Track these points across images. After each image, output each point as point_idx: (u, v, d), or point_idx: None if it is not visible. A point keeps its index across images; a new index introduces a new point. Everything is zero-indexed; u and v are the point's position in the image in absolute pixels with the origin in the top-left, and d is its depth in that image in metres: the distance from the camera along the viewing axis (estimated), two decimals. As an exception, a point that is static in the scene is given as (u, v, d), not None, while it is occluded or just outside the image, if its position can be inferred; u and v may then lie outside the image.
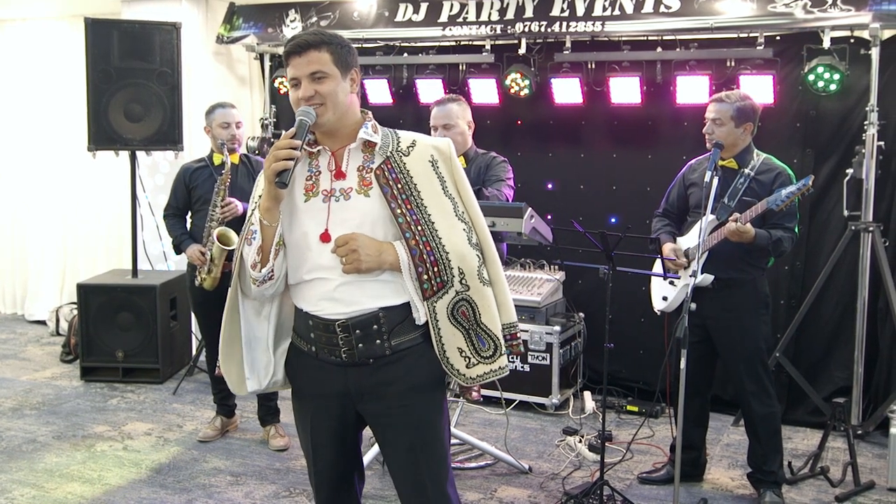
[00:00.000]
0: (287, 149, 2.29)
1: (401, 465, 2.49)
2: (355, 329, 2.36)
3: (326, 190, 2.40)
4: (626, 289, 5.19)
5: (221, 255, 4.64)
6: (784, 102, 5.32)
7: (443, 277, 2.34)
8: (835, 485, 4.42)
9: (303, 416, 2.57)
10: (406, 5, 6.14)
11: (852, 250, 5.13)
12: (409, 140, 2.46)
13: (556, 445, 4.98)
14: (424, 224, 2.35)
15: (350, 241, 2.30)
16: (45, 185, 7.92)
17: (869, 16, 4.90)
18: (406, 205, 2.35)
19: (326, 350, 2.41)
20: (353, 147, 2.42)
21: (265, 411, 5.02)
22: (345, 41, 2.42)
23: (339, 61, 2.38)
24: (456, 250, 2.36)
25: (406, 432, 2.44)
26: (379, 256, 2.32)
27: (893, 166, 5.18)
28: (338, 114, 2.39)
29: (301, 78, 2.36)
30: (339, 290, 2.36)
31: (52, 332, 7.61)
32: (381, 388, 2.41)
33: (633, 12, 5.48)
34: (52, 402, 5.68)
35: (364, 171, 2.40)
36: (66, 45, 7.57)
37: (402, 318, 2.39)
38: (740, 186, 4.03)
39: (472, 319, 2.39)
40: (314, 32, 2.38)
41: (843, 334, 5.33)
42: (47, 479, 4.40)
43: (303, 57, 2.35)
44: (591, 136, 5.97)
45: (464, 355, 2.39)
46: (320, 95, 2.35)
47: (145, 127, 6.08)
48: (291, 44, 2.37)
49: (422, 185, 2.39)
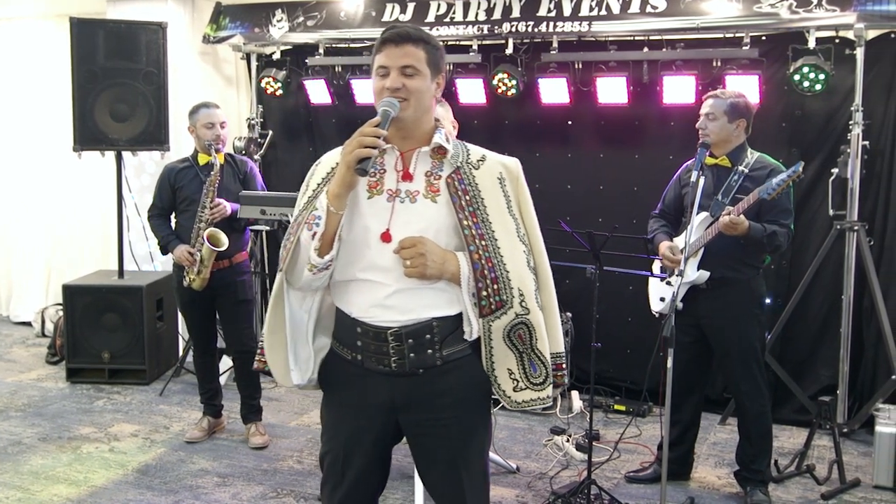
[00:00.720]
0: (373, 136, 2.21)
1: (441, 480, 2.41)
2: (408, 338, 2.28)
3: (392, 190, 2.33)
4: (613, 288, 5.20)
5: (211, 255, 4.64)
6: (770, 102, 5.34)
7: (502, 297, 2.27)
8: (821, 483, 4.44)
9: (337, 425, 2.45)
10: (393, 5, 6.14)
11: (837, 249, 5.16)
12: (479, 154, 2.41)
13: (544, 445, 4.99)
14: (489, 240, 2.29)
15: (418, 244, 2.23)
16: (30, 186, 7.87)
17: (854, 16, 4.93)
18: (472, 217, 2.29)
19: (374, 359, 2.33)
20: (423, 150, 2.36)
21: (248, 409, 5.01)
22: (439, 44, 2.37)
23: (431, 61, 2.32)
24: (516, 271, 2.30)
25: (450, 445, 2.36)
26: (443, 265, 2.25)
27: (878, 166, 5.21)
28: (418, 113, 2.33)
29: (391, 68, 2.29)
30: (394, 297, 2.29)
31: (38, 334, 7.57)
32: (429, 400, 2.33)
33: (619, 12, 5.49)
34: (38, 404, 5.65)
35: (432, 178, 2.34)
36: (52, 45, 7.52)
37: (454, 329, 2.32)
38: (734, 184, 4.05)
39: (528, 343, 2.32)
40: (415, 27, 2.33)
41: (829, 333, 5.36)
42: (33, 482, 4.38)
43: (399, 48, 2.28)
44: (578, 136, 5.98)
45: (513, 377, 2.33)
46: (406, 90, 2.28)
47: (131, 127, 6.05)
48: (390, 32, 2.30)
49: (489, 200, 2.33)
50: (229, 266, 4.83)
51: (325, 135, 6.78)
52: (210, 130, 4.77)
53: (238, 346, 4.95)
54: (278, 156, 7.01)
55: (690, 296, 3.98)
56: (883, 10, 4.88)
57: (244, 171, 4.97)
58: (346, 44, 6.35)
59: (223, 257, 4.76)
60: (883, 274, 5.13)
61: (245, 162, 5.05)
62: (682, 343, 3.78)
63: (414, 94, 2.29)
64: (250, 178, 4.97)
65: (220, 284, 4.80)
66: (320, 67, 6.38)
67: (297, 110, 6.85)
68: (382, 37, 2.32)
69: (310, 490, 4.28)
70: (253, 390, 5.03)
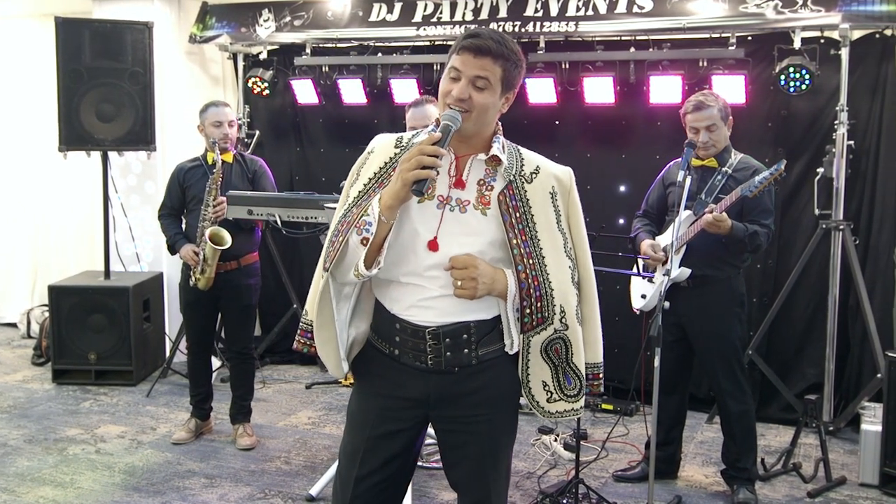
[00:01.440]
0: (433, 156, 2.16)
1: (467, 476, 2.42)
2: (445, 338, 2.30)
3: (443, 196, 2.31)
4: (600, 287, 5.17)
5: (215, 255, 4.59)
6: (755, 102, 5.36)
7: (544, 314, 2.29)
8: (807, 481, 4.46)
9: (363, 416, 2.44)
10: (380, 5, 6.13)
11: (823, 249, 5.19)
12: (532, 165, 2.39)
13: (532, 444, 5.00)
14: (536, 258, 2.30)
15: (471, 267, 2.23)
16: (15, 186, 7.82)
17: (839, 16, 4.96)
18: (521, 235, 2.29)
19: (411, 355, 2.34)
20: (479, 158, 2.34)
21: (238, 409, 4.99)
22: (521, 61, 2.32)
23: (506, 79, 2.28)
24: (560, 288, 2.31)
25: (479, 442, 2.38)
26: (492, 284, 2.25)
27: (863, 165, 5.24)
28: (479, 127, 2.30)
29: (464, 76, 2.25)
30: (435, 300, 2.30)
31: (23, 335, 7.52)
32: (462, 397, 2.35)
33: (606, 13, 5.50)
34: (24, 406, 5.62)
35: (484, 188, 2.32)
36: (37, 45, 7.47)
37: (490, 329, 2.34)
38: (717, 184, 4.07)
39: (564, 358, 2.35)
40: (500, 41, 2.26)
41: (815, 332, 5.39)
42: (18, 484, 4.35)
43: (477, 59, 2.23)
44: (565, 135, 5.99)
45: (546, 389, 2.36)
46: (472, 102, 2.24)
47: (117, 127, 6.02)
48: (473, 41, 2.24)
49: (538, 216, 2.33)
50: (237, 268, 4.78)
51: (313, 135, 6.78)
52: (218, 129, 4.75)
53: (238, 347, 4.94)
54: (265, 156, 6.91)
55: (672, 294, 3.98)
56: (868, 11, 4.91)
57: (253, 169, 4.90)
58: (334, 44, 6.34)
59: (230, 258, 4.71)
60: (868, 273, 5.16)
61: (255, 161, 4.98)
62: (666, 342, 3.80)
63: (478, 108, 2.26)
64: (259, 177, 4.89)
65: (226, 286, 4.75)
66: (307, 67, 6.38)
67: (284, 110, 6.84)
68: (464, 42, 2.26)
69: (297, 491, 4.27)
70: (246, 392, 5.00)
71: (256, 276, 4.94)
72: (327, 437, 5.09)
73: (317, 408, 5.70)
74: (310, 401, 5.85)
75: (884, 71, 5.14)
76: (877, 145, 5.19)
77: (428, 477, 4.45)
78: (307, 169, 6.80)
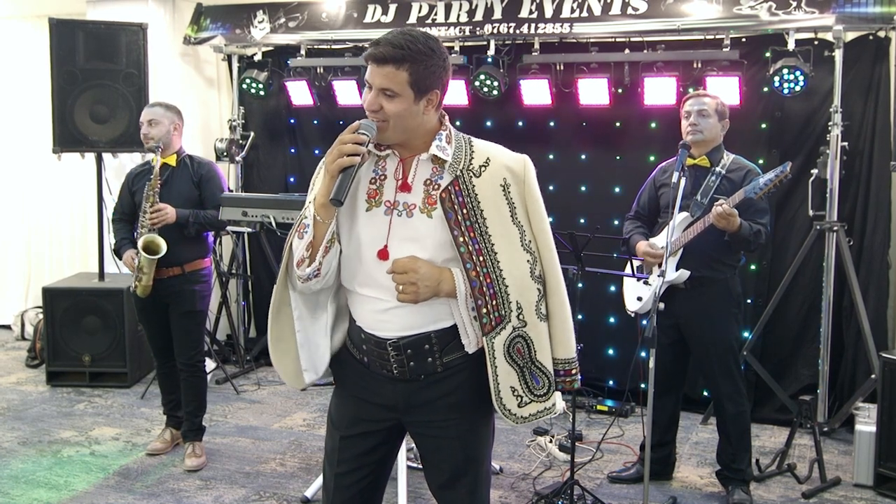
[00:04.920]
0: (353, 143, 2.14)
1: (444, 480, 2.42)
2: (406, 349, 2.29)
3: (389, 201, 2.27)
4: (595, 289, 5.22)
5: (150, 263, 4.40)
6: (749, 104, 5.37)
7: (501, 312, 2.24)
8: (801, 481, 4.47)
9: (339, 417, 2.46)
10: (375, 7, 6.13)
11: (817, 250, 5.20)
12: (482, 157, 2.30)
13: (527, 446, 5.00)
14: (487, 254, 2.23)
15: (410, 271, 2.18)
16: (9, 188, 7.81)
17: (832, 18, 4.97)
18: (469, 232, 2.23)
19: (378, 364, 2.34)
20: (423, 157, 2.28)
21: (188, 426, 4.74)
22: (435, 57, 2.22)
23: (416, 82, 2.18)
24: (516, 284, 2.26)
25: (451, 446, 2.37)
26: (437, 286, 2.21)
27: (857, 167, 5.25)
28: (401, 134, 2.24)
29: (373, 87, 2.20)
30: (391, 312, 2.27)
31: (18, 337, 7.51)
32: (430, 403, 2.34)
33: (601, 14, 5.51)
34: (18, 408, 5.60)
35: (431, 187, 2.26)
36: (30, 46, 7.48)
37: (453, 338, 2.31)
38: (712, 184, 4.08)
39: (527, 357, 2.30)
40: (402, 45, 2.16)
41: (809, 332, 5.40)
42: (13, 486, 4.34)
43: (380, 68, 2.17)
44: (559, 137, 6.00)
45: (516, 394, 2.30)
46: (384, 113, 2.19)
47: (111, 129, 6.01)
48: (372, 50, 2.18)
49: (488, 211, 2.25)
50: (181, 274, 4.55)
51: (307, 136, 6.78)
52: (141, 129, 4.60)
53: (184, 358, 4.66)
54: (260, 157, 6.99)
55: (668, 296, 3.99)
56: (861, 13, 4.93)
57: (200, 173, 4.63)
58: (328, 45, 6.34)
59: (174, 264, 4.51)
60: (862, 274, 5.17)
61: (203, 164, 4.71)
62: (661, 344, 3.80)
63: (393, 118, 2.19)
64: (206, 181, 4.62)
65: (169, 292, 4.55)
66: (302, 69, 6.38)
67: (278, 112, 6.84)
68: (367, 52, 2.21)
69: (292, 493, 4.27)
70: (196, 408, 4.74)
71: (203, 283, 4.69)
72: (322, 439, 5.02)
73: (312, 410, 5.69)
74: (304, 403, 5.84)
75: (877, 72, 5.15)
76: (871, 147, 5.20)
77: (422, 478, 4.44)
78: (302, 170, 6.80)
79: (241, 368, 6.58)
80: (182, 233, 4.50)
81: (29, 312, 7.49)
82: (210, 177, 4.66)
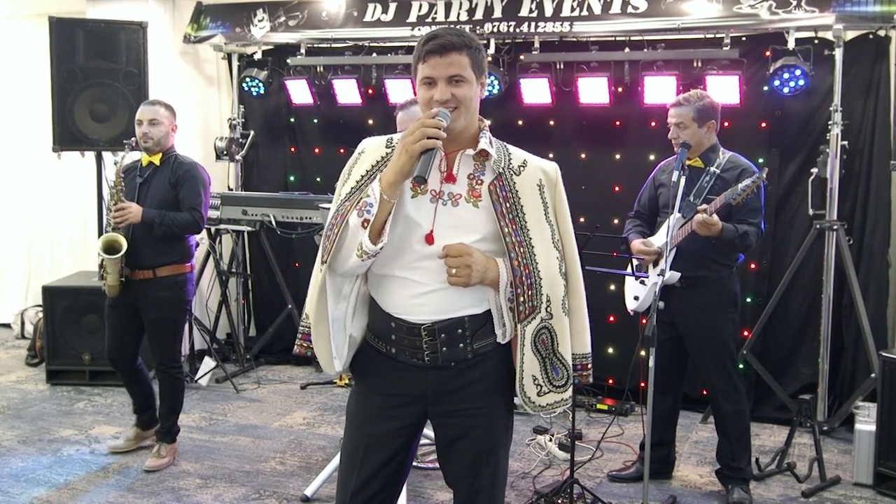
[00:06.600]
0: (434, 128, 2.20)
1: (463, 469, 2.44)
2: (441, 333, 2.34)
3: (435, 191, 2.34)
4: (594, 288, 5.17)
5: (113, 263, 4.33)
6: (750, 102, 5.37)
7: (534, 302, 2.33)
8: (801, 480, 4.47)
9: (363, 414, 2.47)
10: (375, 5, 6.13)
11: (817, 249, 5.20)
12: (520, 159, 2.44)
13: (527, 444, 5.00)
14: (526, 246, 2.34)
15: (465, 254, 2.27)
16: (9, 186, 7.82)
17: (832, 17, 4.98)
18: (512, 225, 2.34)
19: (408, 352, 2.37)
20: (467, 153, 2.37)
21: (160, 427, 4.68)
22: (481, 45, 2.37)
23: (476, 66, 2.33)
24: (548, 277, 2.35)
25: (475, 435, 2.41)
26: (485, 272, 2.29)
27: (857, 166, 5.25)
28: (468, 119, 2.34)
29: (438, 79, 2.29)
30: (428, 295, 2.34)
31: (18, 336, 7.51)
32: (459, 391, 2.39)
33: (601, 13, 5.51)
34: (18, 406, 5.60)
35: (474, 181, 2.37)
36: (30, 45, 7.47)
37: (483, 324, 2.38)
38: (706, 185, 4.08)
39: (550, 348, 2.38)
40: (457, 33, 2.31)
41: (809, 331, 5.40)
42: (13, 485, 4.34)
43: (444, 58, 2.27)
44: (559, 136, 6.00)
45: (536, 383, 2.38)
46: (456, 99, 2.29)
47: (111, 127, 6.00)
48: (434, 43, 2.28)
49: (527, 207, 2.37)
50: (152, 279, 4.43)
51: (307, 135, 6.78)
52: (139, 128, 4.52)
53: (156, 362, 4.60)
54: (260, 156, 7.00)
55: (665, 295, 3.99)
56: (861, 12, 4.93)
57: (178, 174, 4.49)
58: (328, 44, 6.34)
59: (145, 267, 4.42)
60: (862, 273, 5.17)
61: (183, 165, 4.56)
62: (659, 342, 3.80)
63: (464, 102, 2.30)
64: (182, 182, 4.48)
65: (138, 295, 4.44)
66: (302, 67, 6.38)
67: (278, 110, 6.84)
68: (425, 48, 2.30)
69: (292, 491, 4.27)
70: (168, 409, 4.65)
71: (176, 290, 4.52)
72: (322, 438, 5.08)
73: (312, 408, 5.69)
74: (304, 401, 5.85)
75: (877, 71, 5.15)
76: (870, 146, 5.20)
77: (423, 477, 4.45)
78: (302, 169, 6.80)
79: (240, 367, 6.57)
80: (150, 234, 4.40)
81: (29, 311, 7.49)
82: (188, 178, 4.52)
